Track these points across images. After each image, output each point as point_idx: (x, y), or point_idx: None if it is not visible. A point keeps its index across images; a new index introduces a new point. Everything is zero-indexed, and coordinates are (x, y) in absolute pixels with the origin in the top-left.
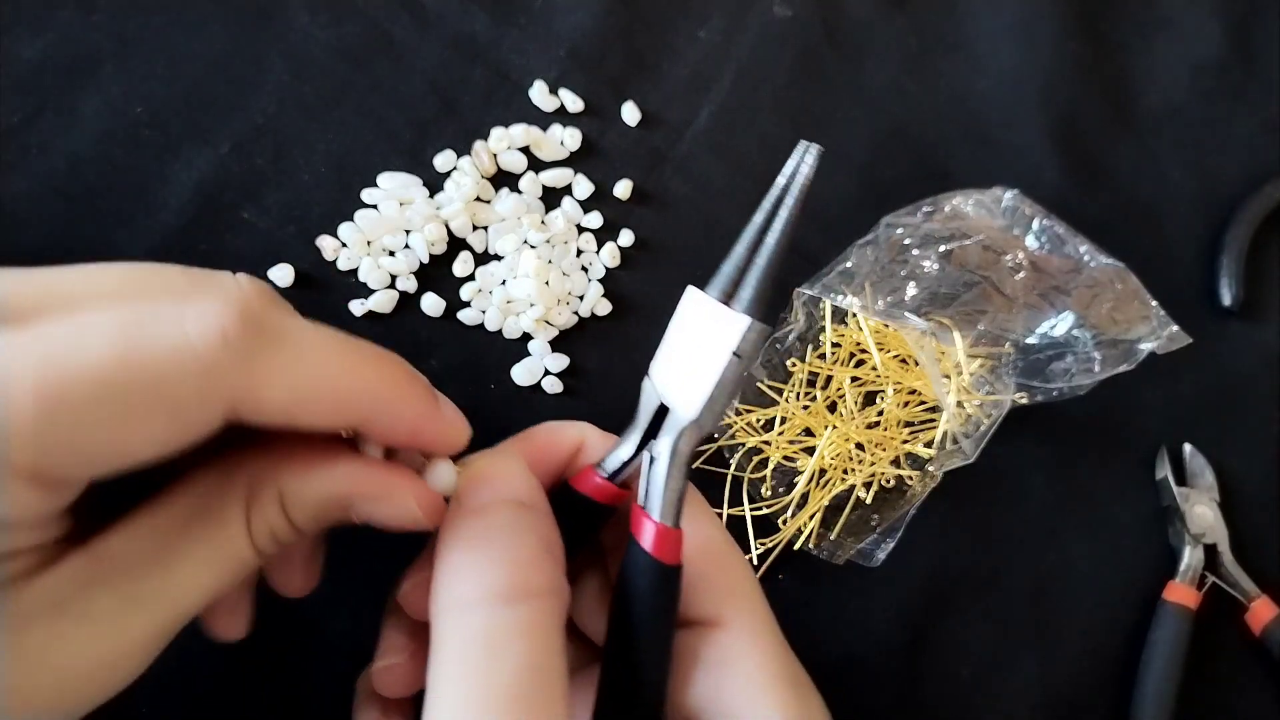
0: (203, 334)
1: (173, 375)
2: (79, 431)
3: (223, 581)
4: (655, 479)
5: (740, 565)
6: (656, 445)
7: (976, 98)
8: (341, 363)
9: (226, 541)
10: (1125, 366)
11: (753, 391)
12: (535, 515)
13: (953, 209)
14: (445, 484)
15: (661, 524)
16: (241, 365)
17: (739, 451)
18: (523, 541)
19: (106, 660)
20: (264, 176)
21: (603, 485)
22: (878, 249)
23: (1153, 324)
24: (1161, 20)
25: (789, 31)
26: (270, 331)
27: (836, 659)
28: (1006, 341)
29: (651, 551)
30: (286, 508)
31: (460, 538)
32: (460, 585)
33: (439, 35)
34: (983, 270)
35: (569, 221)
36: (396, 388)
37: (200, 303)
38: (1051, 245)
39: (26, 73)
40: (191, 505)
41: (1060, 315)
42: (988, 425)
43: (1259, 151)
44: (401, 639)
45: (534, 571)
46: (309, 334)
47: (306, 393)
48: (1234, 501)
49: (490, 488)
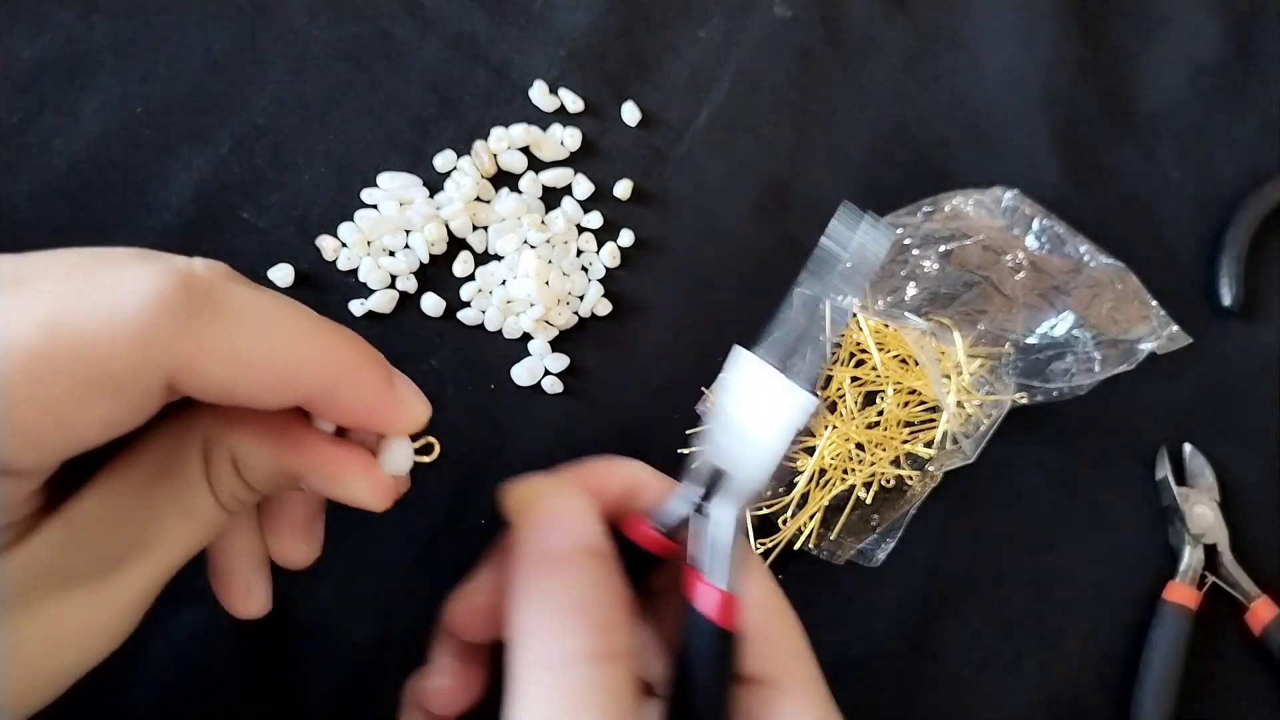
0: (138, 300)
1: (105, 345)
2: (17, 413)
3: (197, 537)
4: (716, 544)
5: (795, 626)
6: (715, 509)
7: (976, 98)
8: (289, 337)
9: (192, 499)
10: (1125, 366)
11: None
12: (610, 567)
13: (953, 209)
14: (400, 465)
15: (720, 589)
16: (180, 334)
17: None
18: (604, 600)
19: (93, 623)
20: (264, 176)
21: (656, 537)
22: None
23: (1153, 324)
24: (1161, 20)
25: (789, 31)
26: (214, 301)
27: (836, 659)
28: (1006, 341)
29: (714, 618)
30: (240, 471)
31: (542, 593)
32: (546, 645)
33: (439, 35)
34: (983, 270)
35: (569, 221)
36: (347, 366)
37: (138, 271)
38: (1051, 245)
39: (26, 72)
40: (156, 463)
41: (1060, 315)
42: (988, 425)
43: (1259, 151)
44: (451, 661)
45: (617, 633)
46: (258, 305)
47: (249, 367)
48: (1234, 501)
49: (564, 533)
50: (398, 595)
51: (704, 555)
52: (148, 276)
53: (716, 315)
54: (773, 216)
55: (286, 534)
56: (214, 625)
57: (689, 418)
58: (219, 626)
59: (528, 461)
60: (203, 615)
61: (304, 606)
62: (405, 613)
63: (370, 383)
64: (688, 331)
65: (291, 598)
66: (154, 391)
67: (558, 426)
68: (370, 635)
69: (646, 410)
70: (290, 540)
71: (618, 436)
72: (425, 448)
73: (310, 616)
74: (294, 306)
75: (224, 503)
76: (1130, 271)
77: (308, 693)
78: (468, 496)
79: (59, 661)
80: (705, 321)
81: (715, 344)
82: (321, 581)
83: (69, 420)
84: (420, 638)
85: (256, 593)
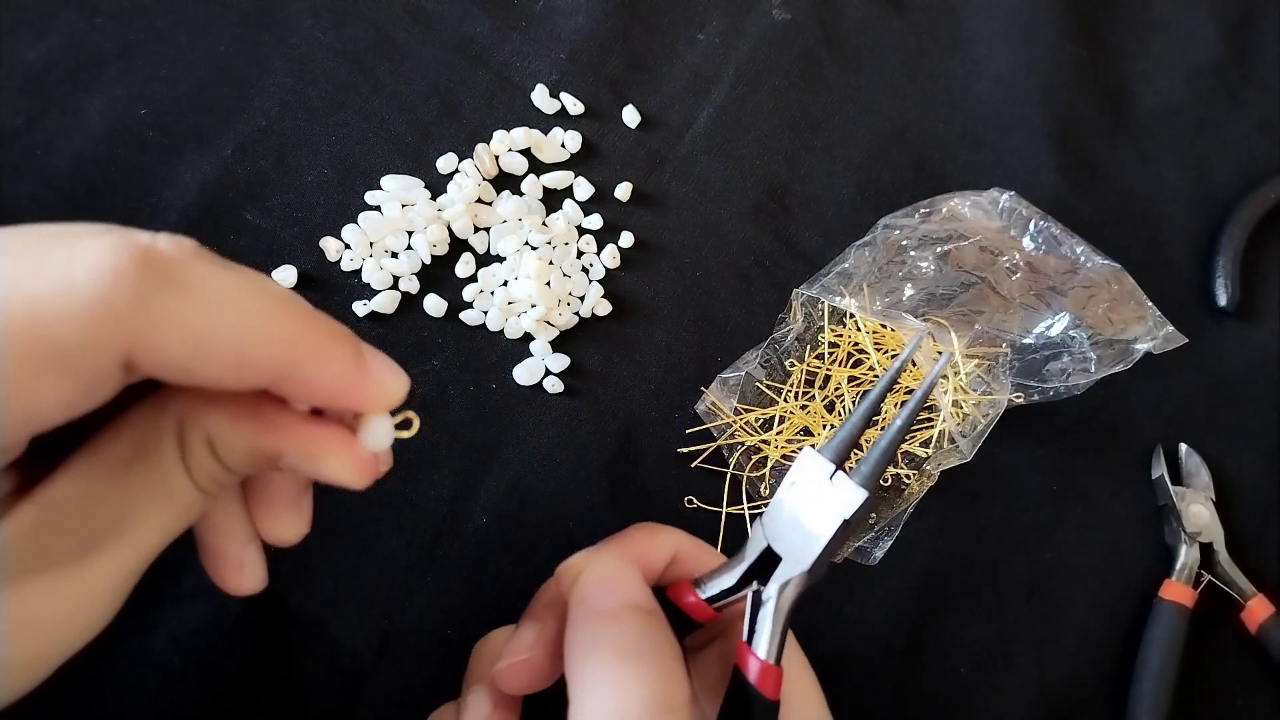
0: (91, 273)
1: (57, 320)
2: None
3: (175, 521)
4: (763, 621)
5: (820, 700)
6: (766, 590)
7: (974, 100)
8: (249, 316)
9: (167, 482)
10: (1121, 366)
11: (752, 391)
12: (663, 623)
13: (950, 210)
14: (379, 442)
15: (767, 662)
16: (136, 309)
17: (738, 451)
18: (662, 652)
19: (73, 607)
20: (267, 178)
21: (700, 605)
22: (875, 250)
23: (1149, 324)
24: (1158, 23)
25: (788, 34)
26: (173, 277)
27: (834, 656)
28: (1003, 342)
29: (759, 687)
30: (216, 452)
31: (599, 647)
32: (607, 702)
33: (441, 39)
34: (979, 271)
35: (569, 223)
36: (311, 345)
37: (94, 244)
38: (1048, 246)
39: (31, 75)
40: (131, 444)
41: (1056, 316)
42: (984, 425)
43: (1254, 153)
44: (489, 710)
45: (675, 685)
46: (221, 283)
47: (206, 346)
48: (1230, 500)
49: (616, 593)
50: (399, 594)
51: (755, 630)
52: (103, 250)
53: (716, 315)
54: (772, 217)
55: (272, 512)
56: (215, 623)
57: (689, 417)
58: (220, 625)
59: (529, 460)
60: (205, 612)
61: (305, 604)
62: (406, 611)
63: (337, 360)
64: (688, 331)
65: (293, 596)
66: (109, 370)
67: (558, 425)
68: (371, 633)
69: (646, 410)
70: (276, 519)
71: (618, 436)
72: (404, 423)
73: (312, 614)
74: (259, 285)
75: (201, 485)
76: (1126, 272)
77: (309, 690)
78: (469, 495)
79: (34, 649)
80: (705, 321)
81: (715, 344)
82: (323, 579)
83: (21, 398)
84: (421, 636)
85: (250, 568)
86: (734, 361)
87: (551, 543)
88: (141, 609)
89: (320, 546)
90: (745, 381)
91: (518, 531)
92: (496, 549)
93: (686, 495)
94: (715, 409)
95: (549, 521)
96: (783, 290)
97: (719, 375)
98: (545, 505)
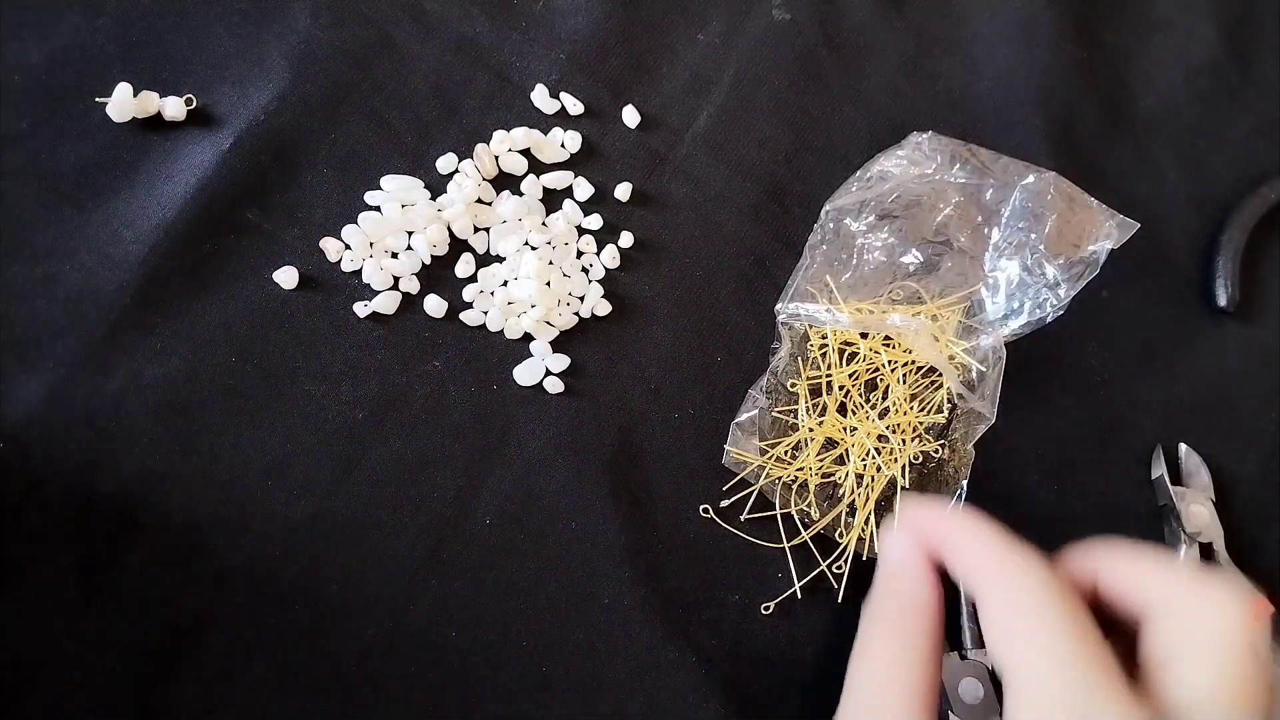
0: None
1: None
2: None
3: None
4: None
5: None
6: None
7: (974, 100)
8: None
9: None
10: (1090, 275)
11: (767, 424)
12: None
13: (879, 171)
14: None
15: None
16: None
17: (778, 487)
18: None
19: None
20: (267, 178)
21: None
22: (830, 243)
23: (1101, 224)
24: (1157, 22)
25: (787, 34)
26: None
27: (835, 653)
28: (974, 288)
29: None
30: None
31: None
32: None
33: (441, 38)
34: (930, 229)
35: (569, 223)
36: None
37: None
38: (979, 175)
39: (34, 77)
40: None
41: (1014, 248)
42: (993, 376)
43: (1254, 153)
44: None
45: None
46: None
47: None
48: (1229, 501)
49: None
50: (403, 597)
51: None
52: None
53: (716, 315)
54: (772, 218)
55: None
56: (216, 621)
57: (689, 417)
58: (221, 623)
59: (530, 461)
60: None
61: (310, 606)
62: (411, 612)
63: None
64: (688, 331)
65: (298, 598)
66: None
67: (559, 426)
68: (376, 634)
69: (646, 410)
70: None
71: (618, 436)
72: None
73: (316, 616)
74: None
75: None
76: (1063, 178)
77: (315, 692)
78: (472, 496)
79: None
80: (705, 321)
81: (715, 344)
82: (327, 581)
83: None
84: (426, 637)
85: None
86: (742, 402)
87: (554, 544)
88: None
89: (326, 552)
90: (761, 415)
91: (520, 533)
92: (500, 550)
93: (686, 494)
94: (741, 457)
95: (551, 522)
96: (782, 290)
97: (733, 423)
98: (548, 506)
